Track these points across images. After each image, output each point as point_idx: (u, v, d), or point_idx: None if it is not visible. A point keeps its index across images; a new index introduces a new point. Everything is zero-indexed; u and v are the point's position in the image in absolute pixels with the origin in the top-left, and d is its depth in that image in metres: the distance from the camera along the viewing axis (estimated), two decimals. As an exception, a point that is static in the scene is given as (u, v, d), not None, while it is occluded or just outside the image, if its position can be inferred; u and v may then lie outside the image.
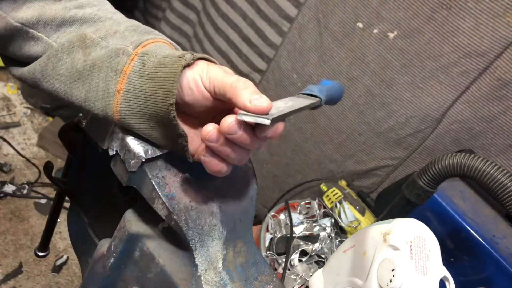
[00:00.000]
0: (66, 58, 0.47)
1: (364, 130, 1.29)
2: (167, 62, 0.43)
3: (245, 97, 0.40)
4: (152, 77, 0.43)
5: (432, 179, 0.82)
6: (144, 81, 0.44)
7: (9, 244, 1.65)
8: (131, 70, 0.44)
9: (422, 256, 0.63)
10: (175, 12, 1.76)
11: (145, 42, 0.46)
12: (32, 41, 0.49)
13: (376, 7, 1.16)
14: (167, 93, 0.42)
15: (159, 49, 0.46)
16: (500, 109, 1.06)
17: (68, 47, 0.47)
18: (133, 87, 0.44)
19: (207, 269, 0.49)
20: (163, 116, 0.43)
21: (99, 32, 0.48)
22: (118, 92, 0.44)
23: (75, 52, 0.47)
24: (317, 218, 1.11)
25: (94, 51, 0.46)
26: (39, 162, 1.97)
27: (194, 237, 0.48)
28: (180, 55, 0.43)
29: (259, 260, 0.55)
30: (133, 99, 0.44)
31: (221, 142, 0.41)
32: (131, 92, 0.44)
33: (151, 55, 0.44)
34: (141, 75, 0.44)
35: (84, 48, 0.47)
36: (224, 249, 0.51)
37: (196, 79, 0.43)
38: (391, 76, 1.18)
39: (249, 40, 1.49)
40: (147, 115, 0.44)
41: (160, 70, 0.43)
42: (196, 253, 0.49)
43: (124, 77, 0.44)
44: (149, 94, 0.43)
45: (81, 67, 0.46)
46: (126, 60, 0.45)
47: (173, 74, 0.42)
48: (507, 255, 0.87)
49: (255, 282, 0.53)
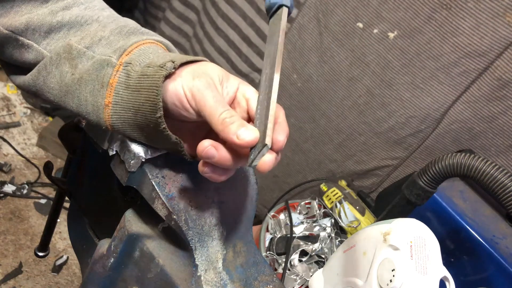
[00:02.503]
0: (55, 71, 0.47)
1: (364, 130, 1.29)
2: (149, 72, 0.42)
3: (231, 132, 0.38)
4: (137, 88, 0.42)
5: (432, 179, 0.82)
6: (130, 92, 0.43)
7: (9, 244, 1.64)
8: (117, 81, 0.43)
9: (422, 256, 0.63)
10: (175, 12, 1.76)
11: (129, 49, 0.45)
12: (23, 48, 0.49)
13: (376, 7, 1.16)
14: (153, 106, 0.41)
15: (143, 55, 0.44)
16: (500, 109, 1.06)
17: (56, 60, 0.47)
18: (121, 99, 0.43)
19: (207, 269, 0.49)
20: (154, 127, 0.42)
21: (85, 40, 0.47)
22: (107, 105, 0.44)
23: (63, 65, 0.46)
24: (317, 218, 1.11)
25: (81, 62, 0.46)
26: (39, 162, 1.97)
27: (194, 237, 0.48)
28: (161, 64, 0.41)
29: (259, 260, 0.55)
30: (123, 112, 0.43)
31: (219, 157, 0.39)
32: (119, 105, 0.43)
33: (134, 64, 0.43)
34: (127, 86, 0.43)
35: (70, 60, 0.46)
36: (224, 249, 0.51)
37: (179, 95, 0.41)
38: (391, 76, 1.18)
39: (249, 40, 1.49)
40: (139, 126, 0.44)
41: (144, 80, 0.42)
42: (196, 253, 0.49)
43: (111, 89, 0.43)
44: (137, 106, 0.42)
45: (69, 81, 0.46)
46: (111, 72, 0.43)
47: (156, 86, 0.41)
48: (507, 255, 0.87)
49: (255, 282, 0.53)
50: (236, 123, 0.38)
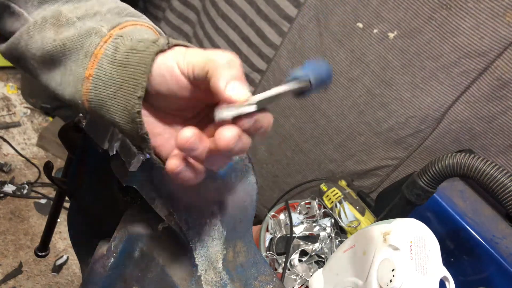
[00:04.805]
0: (37, 36, 0.42)
1: (364, 130, 1.29)
2: (139, 47, 0.38)
3: (224, 77, 0.34)
4: (123, 63, 0.38)
5: (432, 179, 0.82)
6: (115, 67, 0.38)
7: (9, 244, 1.64)
8: (102, 53, 0.39)
9: (422, 256, 0.63)
10: (175, 12, 1.76)
11: (124, 24, 0.41)
12: (13, 17, 0.44)
13: (376, 7, 1.16)
14: (136, 85, 0.37)
15: (137, 32, 0.40)
16: (500, 109, 1.06)
17: (40, 24, 0.42)
18: (103, 74, 0.38)
19: (207, 269, 0.49)
20: (129, 112, 0.37)
21: (77, 11, 0.42)
22: (87, 78, 0.39)
23: (47, 30, 0.42)
24: (317, 218, 1.11)
25: (67, 30, 0.41)
26: (39, 162, 1.97)
27: (194, 237, 0.48)
28: (154, 39, 0.38)
29: (259, 260, 0.55)
30: (103, 87, 0.39)
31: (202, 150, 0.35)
32: (101, 79, 0.39)
33: (125, 38, 0.39)
34: (112, 60, 0.38)
35: (56, 27, 0.42)
36: (224, 249, 0.51)
37: (169, 64, 0.37)
38: (391, 76, 1.18)
39: (249, 40, 1.49)
40: (116, 107, 0.39)
41: (132, 56, 0.37)
42: (196, 253, 0.49)
43: (94, 61, 0.39)
44: (120, 83, 0.38)
45: (51, 48, 0.41)
46: (98, 42, 0.39)
47: (144, 63, 0.37)
48: (507, 255, 0.87)
49: (255, 282, 0.53)
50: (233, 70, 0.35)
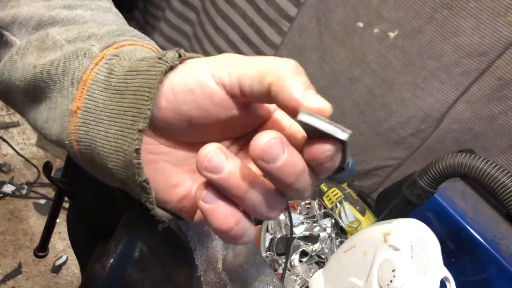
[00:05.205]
0: (19, 63, 0.34)
1: (365, 130, 1.29)
2: (141, 67, 0.29)
3: (297, 87, 0.26)
4: (120, 90, 0.29)
5: (432, 179, 0.81)
6: (109, 96, 0.29)
7: (8, 244, 1.64)
8: (93, 78, 0.30)
9: (422, 256, 0.63)
10: (175, 12, 1.76)
11: (121, 43, 0.33)
12: (6, 48, 0.37)
13: (376, 7, 1.16)
14: (137, 115, 0.28)
15: (137, 51, 0.32)
16: (501, 109, 1.06)
17: (24, 48, 0.35)
18: (94, 105, 0.30)
19: (207, 269, 0.49)
20: (126, 151, 0.28)
21: (68, 33, 0.34)
22: (75, 112, 0.30)
23: (29, 55, 0.34)
24: (317, 219, 1.11)
25: (52, 54, 0.33)
26: (38, 162, 1.97)
27: (194, 237, 0.48)
28: (160, 55, 0.29)
29: (259, 260, 0.55)
30: (94, 124, 0.30)
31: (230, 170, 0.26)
32: (91, 113, 0.30)
33: (122, 58, 0.30)
34: (106, 86, 0.30)
35: (41, 51, 0.33)
36: (224, 250, 0.51)
37: (198, 76, 0.28)
38: (392, 76, 1.18)
39: (249, 40, 1.49)
40: (109, 149, 0.29)
41: (132, 79, 0.29)
42: (196, 253, 0.49)
43: (83, 89, 0.30)
44: (114, 116, 0.29)
45: (31, 76, 0.33)
46: (88, 65, 0.31)
47: (148, 86, 0.28)
48: (508, 256, 0.87)
49: (255, 283, 0.52)
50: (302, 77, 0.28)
